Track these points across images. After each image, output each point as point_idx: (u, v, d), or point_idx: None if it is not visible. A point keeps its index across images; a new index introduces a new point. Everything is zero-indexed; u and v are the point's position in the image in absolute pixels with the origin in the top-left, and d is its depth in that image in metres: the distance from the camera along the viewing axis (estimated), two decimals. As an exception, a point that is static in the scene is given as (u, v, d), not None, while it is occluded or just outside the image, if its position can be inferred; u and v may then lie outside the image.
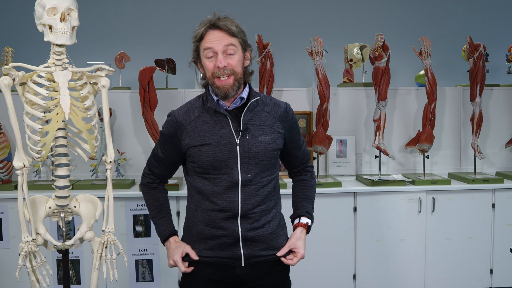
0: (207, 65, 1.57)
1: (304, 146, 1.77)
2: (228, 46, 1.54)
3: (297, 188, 1.78)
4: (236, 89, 1.58)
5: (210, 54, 1.55)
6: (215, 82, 1.55)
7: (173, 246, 1.65)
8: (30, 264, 1.75)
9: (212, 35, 1.55)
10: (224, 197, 1.56)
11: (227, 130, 1.57)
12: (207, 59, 1.56)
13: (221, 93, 1.56)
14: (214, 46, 1.54)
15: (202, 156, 1.56)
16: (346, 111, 3.53)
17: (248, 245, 1.59)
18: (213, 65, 1.55)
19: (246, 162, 1.56)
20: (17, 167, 1.68)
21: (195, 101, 1.66)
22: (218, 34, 1.55)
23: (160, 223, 1.70)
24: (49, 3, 1.65)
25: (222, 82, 1.54)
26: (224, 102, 1.60)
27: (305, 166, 1.80)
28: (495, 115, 3.62)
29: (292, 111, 1.70)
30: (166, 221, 1.70)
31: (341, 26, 4.12)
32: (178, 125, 1.62)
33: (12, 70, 1.64)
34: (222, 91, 1.55)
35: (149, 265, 3.00)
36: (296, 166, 1.79)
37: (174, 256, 1.62)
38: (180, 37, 4.00)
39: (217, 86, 1.55)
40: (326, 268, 3.07)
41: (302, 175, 1.80)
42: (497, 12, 4.24)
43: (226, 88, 1.55)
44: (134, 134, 3.40)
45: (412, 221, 3.09)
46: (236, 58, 1.56)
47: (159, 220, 1.70)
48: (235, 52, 1.56)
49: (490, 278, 3.19)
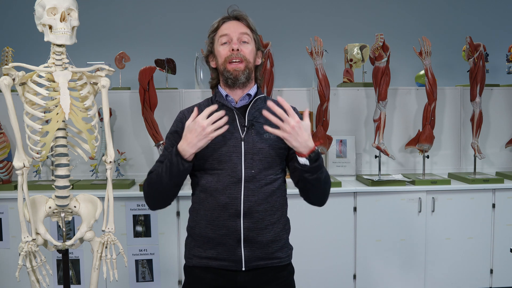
0: (220, 52, 1.60)
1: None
2: (243, 34, 1.60)
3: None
4: (246, 78, 1.58)
5: (225, 40, 1.59)
6: (227, 66, 1.57)
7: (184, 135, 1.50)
8: (30, 264, 1.76)
9: (228, 24, 1.62)
10: (227, 193, 1.56)
11: (233, 125, 1.58)
12: (222, 45, 1.60)
13: (231, 76, 1.57)
14: (230, 33, 1.59)
15: (207, 149, 1.56)
16: (346, 111, 3.53)
17: (250, 246, 1.57)
18: (227, 50, 1.58)
19: (250, 158, 1.56)
20: (17, 167, 1.68)
21: (203, 102, 1.70)
22: (235, 23, 1.61)
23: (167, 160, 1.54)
24: (49, 3, 1.65)
25: (233, 66, 1.57)
26: (233, 97, 1.62)
27: None
28: (495, 115, 3.62)
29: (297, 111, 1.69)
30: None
31: (341, 26, 4.12)
32: (187, 118, 1.61)
33: (12, 70, 1.64)
34: (233, 75, 1.57)
35: (149, 265, 3.00)
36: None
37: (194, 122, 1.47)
38: (180, 37, 4.01)
39: (228, 70, 1.57)
40: (326, 268, 3.07)
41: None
42: (497, 12, 4.24)
43: (237, 72, 1.56)
44: (134, 134, 3.40)
45: (412, 221, 3.09)
46: (250, 48, 1.60)
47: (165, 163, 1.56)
48: (249, 42, 1.61)
49: (490, 278, 3.19)
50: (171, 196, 1.62)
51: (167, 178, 1.52)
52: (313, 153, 1.47)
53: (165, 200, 1.63)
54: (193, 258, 1.65)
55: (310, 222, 3.02)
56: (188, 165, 1.51)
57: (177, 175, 1.52)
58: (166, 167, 1.53)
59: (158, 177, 1.55)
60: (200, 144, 1.48)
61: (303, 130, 1.46)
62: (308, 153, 1.46)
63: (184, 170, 1.51)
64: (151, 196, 1.61)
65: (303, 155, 1.47)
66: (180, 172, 1.51)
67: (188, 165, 1.51)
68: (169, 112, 3.32)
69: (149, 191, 1.61)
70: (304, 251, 2.96)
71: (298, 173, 1.53)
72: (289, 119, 1.44)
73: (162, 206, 1.65)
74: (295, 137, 1.44)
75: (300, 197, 1.67)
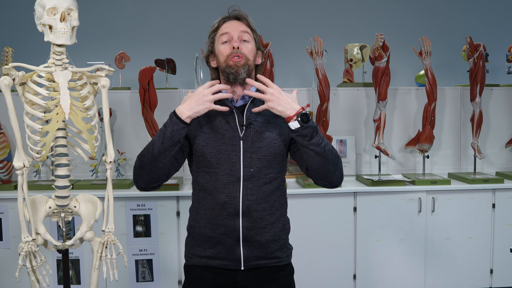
0: (221, 50, 1.61)
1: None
2: (243, 33, 1.61)
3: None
4: (247, 73, 1.59)
5: (225, 39, 1.60)
6: (229, 62, 1.58)
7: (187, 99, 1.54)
8: (30, 264, 1.75)
9: (229, 23, 1.63)
10: (226, 192, 1.56)
11: (232, 124, 1.59)
12: (222, 44, 1.61)
13: (233, 71, 1.57)
14: (230, 31, 1.60)
15: (206, 147, 1.57)
16: (346, 111, 3.53)
17: (249, 246, 1.58)
18: (228, 48, 1.59)
19: (248, 157, 1.57)
20: (17, 167, 1.68)
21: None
22: (235, 23, 1.63)
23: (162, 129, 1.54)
24: (49, 3, 1.65)
25: (235, 60, 1.57)
26: (233, 96, 1.62)
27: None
28: (495, 115, 3.62)
29: None
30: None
31: (341, 26, 4.12)
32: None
33: (12, 70, 1.64)
34: (234, 69, 1.57)
35: (149, 265, 3.00)
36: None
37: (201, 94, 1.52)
38: (180, 37, 4.01)
39: (229, 65, 1.58)
40: (326, 268, 3.07)
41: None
42: (497, 12, 4.24)
43: (238, 67, 1.57)
44: (134, 134, 3.40)
45: (412, 221, 3.09)
46: (250, 47, 1.62)
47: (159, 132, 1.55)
48: (249, 40, 1.62)
49: (490, 278, 3.19)
50: (161, 169, 1.55)
51: (160, 142, 1.50)
52: (301, 114, 1.47)
53: (154, 172, 1.55)
54: (193, 257, 1.65)
55: (310, 222, 3.02)
56: (181, 127, 1.49)
57: (170, 136, 1.49)
58: (159, 132, 1.53)
59: (150, 144, 1.54)
60: (198, 109, 1.50)
61: (284, 95, 1.50)
62: (295, 113, 1.47)
63: (178, 131, 1.49)
64: (140, 167, 1.56)
65: (291, 118, 1.48)
66: (173, 133, 1.49)
67: (182, 126, 1.49)
68: (169, 112, 3.30)
69: (139, 162, 1.57)
70: (304, 251, 2.96)
71: (299, 147, 1.53)
72: (268, 88, 1.50)
73: (150, 181, 1.58)
74: (278, 102, 1.48)
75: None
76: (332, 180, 1.60)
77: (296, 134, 1.49)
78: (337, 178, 1.60)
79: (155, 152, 1.52)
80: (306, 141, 1.49)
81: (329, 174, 1.57)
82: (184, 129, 1.51)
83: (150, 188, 1.62)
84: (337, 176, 1.59)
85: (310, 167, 1.58)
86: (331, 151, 1.54)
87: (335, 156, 1.56)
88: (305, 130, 1.48)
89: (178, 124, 1.50)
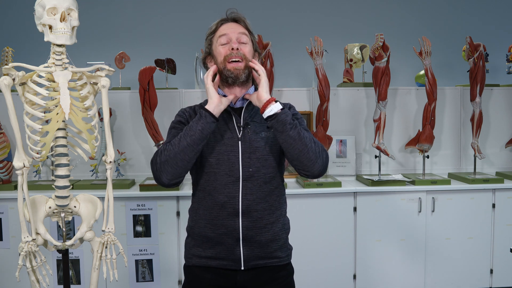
0: (220, 51, 1.61)
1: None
2: (241, 35, 1.62)
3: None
4: (247, 76, 1.60)
5: (224, 41, 1.61)
6: (227, 65, 1.58)
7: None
8: (30, 264, 1.75)
9: (226, 25, 1.64)
10: (225, 192, 1.57)
11: (230, 126, 1.60)
12: (221, 45, 1.61)
13: (232, 75, 1.58)
14: (228, 33, 1.61)
15: (206, 148, 1.58)
16: (346, 111, 3.53)
17: (248, 246, 1.58)
18: (226, 49, 1.60)
19: (247, 157, 1.58)
20: (17, 167, 1.68)
21: (203, 102, 1.71)
22: (233, 25, 1.64)
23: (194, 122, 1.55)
24: (49, 3, 1.65)
25: (234, 65, 1.58)
26: None
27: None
28: (495, 115, 3.62)
29: (294, 109, 1.71)
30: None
31: (341, 26, 4.12)
32: (189, 113, 1.67)
33: (12, 70, 1.64)
34: (234, 73, 1.58)
35: (149, 265, 3.00)
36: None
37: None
38: (180, 37, 4.01)
39: (228, 69, 1.58)
40: (326, 268, 3.07)
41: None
42: (497, 12, 4.24)
43: (237, 70, 1.58)
44: (134, 134, 3.40)
45: (412, 221, 3.09)
46: (248, 48, 1.62)
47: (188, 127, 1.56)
48: (247, 42, 1.63)
49: (490, 278, 3.19)
50: (186, 163, 1.53)
51: (189, 136, 1.51)
52: (275, 102, 1.53)
53: (179, 166, 1.52)
54: (193, 258, 1.65)
55: (310, 222, 3.02)
56: (211, 120, 1.52)
57: (201, 130, 1.50)
58: (187, 128, 1.53)
59: (178, 139, 1.53)
60: (217, 101, 1.54)
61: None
62: (273, 98, 1.53)
63: (208, 124, 1.52)
64: (165, 161, 1.52)
65: (271, 101, 1.52)
66: (204, 125, 1.51)
67: (212, 120, 1.52)
68: (169, 112, 3.32)
69: (163, 157, 1.53)
70: (304, 251, 2.96)
71: (278, 137, 1.53)
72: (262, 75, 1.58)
73: (174, 176, 1.55)
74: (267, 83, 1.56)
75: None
76: (314, 169, 1.56)
77: (275, 120, 1.50)
78: (319, 167, 1.56)
79: (183, 145, 1.50)
80: (286, 126, 1.49)
81: (310, 163, 1.54)
82: (214, 124, 1.53)
83: (173, 184, 1.58)
84: (319, 165, 1.55)
85: (291, 156, 1.55)
86: (311, 140, 1.54)
87: (316, 145, 1.55)
88: (284, 115, 1.50)
89: (208, 117, 1.52)
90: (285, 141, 1.52)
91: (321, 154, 1.56)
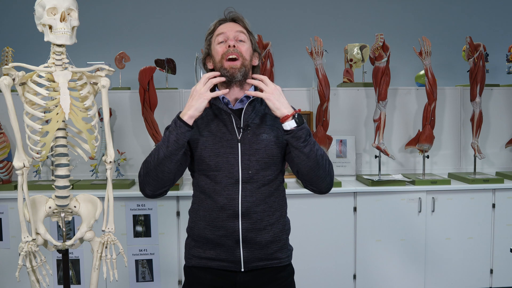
0: (217, 50, 1.60)
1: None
2: (239, 33, 1.61)
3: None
4: (243, 75, 1.58)
5: (222, 39, 1.60)
6: (224, 64, 1.57)
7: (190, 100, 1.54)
8: (30, 264, 1.75)
9: (225, 25, 1.64)
10: (225, 194, 1.56)
11: (230, 127, 1.59)
12: (218, 44, 1.61)
13: (228, 74, 1.57)
14: (226, 31, 1.61)
15: (205, 150, 1.58)
16: (346, 111, 3.53)
17: (248, 247, 1.58)
18: (223, 47, 1.59)
19: (247, 159, 1.57)
20: (17, 167, 1.68)
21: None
22: (231, 24, 1.64)
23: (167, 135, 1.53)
24: (49, 3, 1.65)
25: (230, 63, 1.57)
26: (229, 99, 1.62)
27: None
28: (495, 115, 3.62)
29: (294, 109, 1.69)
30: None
31: (341, 26, 4.12)
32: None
33: (12, 70, 1.64)
34: (230, 72, 1.57)
35: (149, 265, 3.00)
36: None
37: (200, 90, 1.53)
38: (180, 37, 4.01)
39: (225, 68, 1.57)
40: (326, 268, 3.07)
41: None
42: (497, 12, 4.24)
43: (233, 69, 1.57)
44: (134, 134, 3.40)
45: (412, 221, 3.09)
46: (246, 46, 1.61)
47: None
48: (245, 41, 1.62)
49: (490, 278, 3.19)
50: (167, 174, 1.54)
51: (165, 146, 1.51)
52: (297, 115, 1.50)
53: (160, 177, 1.54)
54: (193, 259, 1.65)
55: (310, 222, 3.02)
56: (185, 129, 1.49)
57: (175, 140, 1.49)
58: (164, 137, 1.53)
59: (155, 150, 1.54)
60: (197, 105, 1.49)
61: (282, 94, 1.54)
62: (292, 113, 1.49)
63: (182, 134, 1.49)
64: (146, 174, 1.55)
65: (288, 117, 1.48)
66: (178, 136, 1.49)
67: (186, 129, 1.49)
68: (169, 112, 3.32)
69: (144, 169, 1.56)
70: (304, 251, 2.96)
71: (291, 151, 1.53)
72: (268, 85, 1.53)
73: (156, 187, 1.57)
74: (277, 98, 1.51)
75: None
76: (322, 186, 1.61)
77: (291, 136, 1.49)
78: (327, 185, 1.61)
79: (160, 156, 1.51)
80: (300, 143, 1.49)
81: (319, 180, 1.58)
82: (189, 132, 1.50)
83: (157, 195, 1.62)
84: (327, 182, 1.60)
85: (300, 171, 1.59)
86: (322, 157, 1.55)
87: (326, 162, 1.57)
88: (300, 131, 1.48)
89: (182, 127, 1.49)
90: (298, 156, 1.53)
91: (330, 172, 1.59)
